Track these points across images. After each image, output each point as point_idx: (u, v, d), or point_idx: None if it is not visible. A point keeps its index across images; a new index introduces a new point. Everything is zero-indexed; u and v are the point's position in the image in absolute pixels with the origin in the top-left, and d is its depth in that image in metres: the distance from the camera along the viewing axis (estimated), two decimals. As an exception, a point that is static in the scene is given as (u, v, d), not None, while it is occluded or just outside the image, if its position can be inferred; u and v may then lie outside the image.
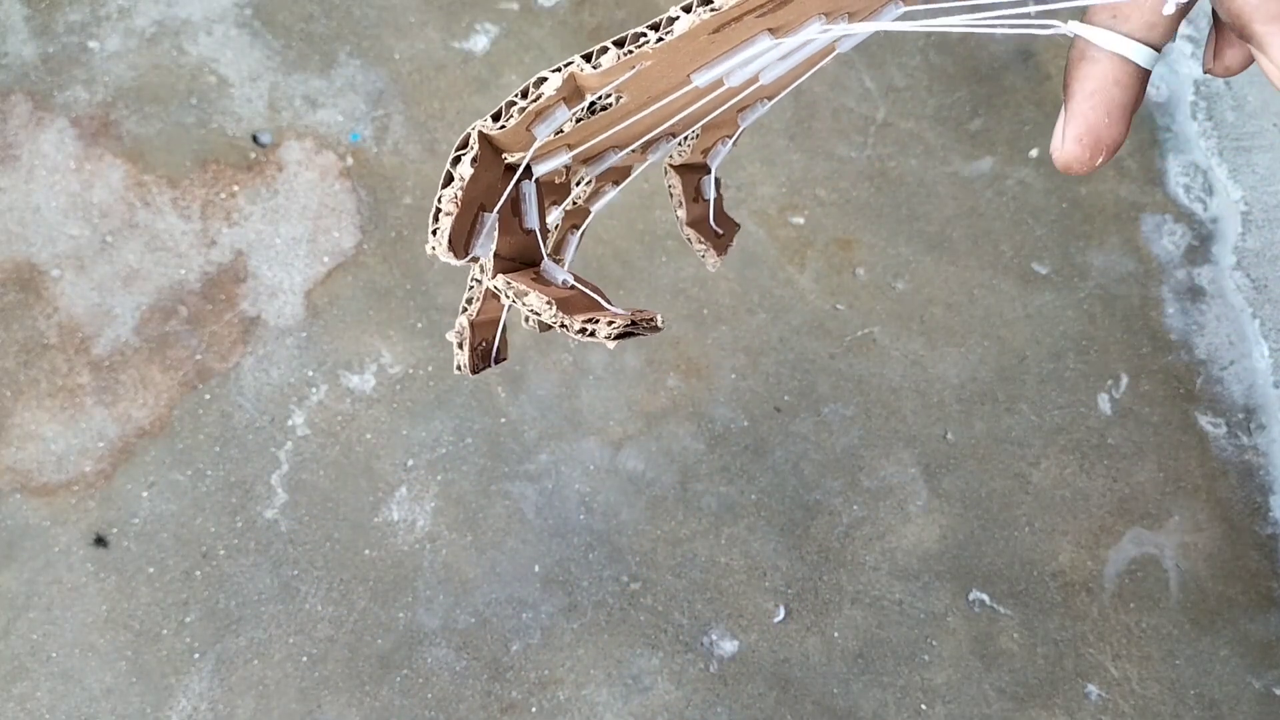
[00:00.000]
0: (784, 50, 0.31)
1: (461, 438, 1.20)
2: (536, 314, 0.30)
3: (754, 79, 0.33)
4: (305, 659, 1.12)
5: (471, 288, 0.40)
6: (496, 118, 0.28)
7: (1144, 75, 0.25)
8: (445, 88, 1.33)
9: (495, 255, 0.31)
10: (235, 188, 1.27)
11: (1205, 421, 1.29)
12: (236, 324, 1.22)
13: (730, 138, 0.43)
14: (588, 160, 0.37)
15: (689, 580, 1.18)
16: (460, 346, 0.39)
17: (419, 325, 1.24)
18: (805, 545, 1.21)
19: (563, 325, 0.31)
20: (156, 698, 1.09)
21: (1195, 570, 1.23)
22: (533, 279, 0.39)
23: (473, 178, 0.27)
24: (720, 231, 0.46)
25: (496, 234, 0.31)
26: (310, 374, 1.21)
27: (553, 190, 0.39)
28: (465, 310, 0.40)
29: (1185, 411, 1.29)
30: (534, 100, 0.28)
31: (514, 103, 0.28)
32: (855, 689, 1.16)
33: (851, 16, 0.31)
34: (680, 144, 0.43)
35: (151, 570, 1.13)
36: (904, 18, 0.32)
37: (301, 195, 1.27)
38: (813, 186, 1.35)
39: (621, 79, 0.28)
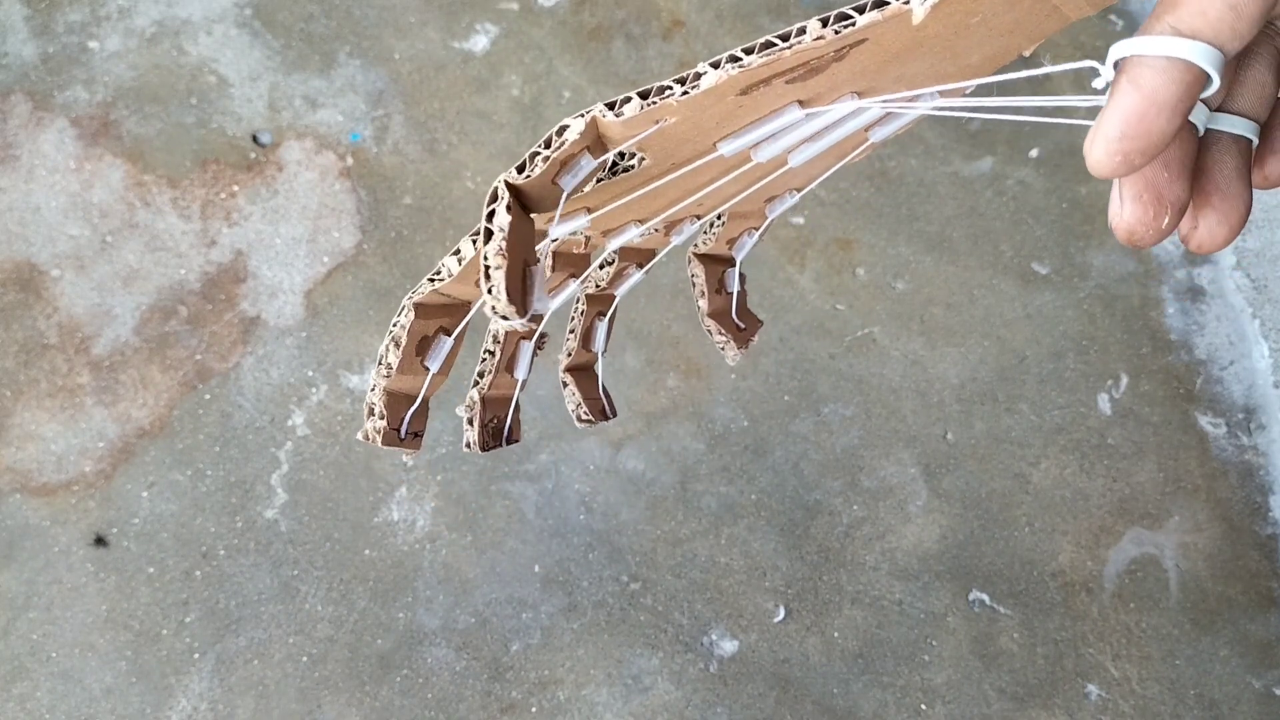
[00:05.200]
0: (814, 128, 0.30)
1: (461, 438, 1.20)
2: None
3: (782, 160, 0.32)
4: (305, 659, 1.12)
5: (484, 360, 0.39)
6: (521, 169, 0.27)
7: (1195, 135, 0.23)
8: (445, 88, 1.33)
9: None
10: (235, 188, 1.27)
11: (1205, 421, 1.29)
12: (236, 324, 1.22)
13: (757, 229, 0.41)
14: (609, 232, 0.36)
15: (689, 580, 1.18)
16: (470, 423, 0.37)
17: (419, 325, 1.24)
18: (805, 545, 1.21)
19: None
20: (156, 698, 1.09)
21: (1195, 570, 1.23)
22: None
23: (511, 228, 0.27)
24: (742, 325, 0.44)
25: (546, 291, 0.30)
26: (310, 374, 1.21)
27: (571, 261, 0.38)
28: (477, 384, 0.38)
29: (1185, 411, 1.29)
30: (558, 148, 0.27)
31: (538, 152, 0.27)
32: (855, 689, 1.16)
33: (887, 104, 0.30)
34: (705, 231, 0.41)
35: (151, 570, 1.13)
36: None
37: (301, 195, 1.27)
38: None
39: (645, 133, 0.28)
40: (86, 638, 1.10)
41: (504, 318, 0.26)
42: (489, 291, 0.26)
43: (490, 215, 0.27)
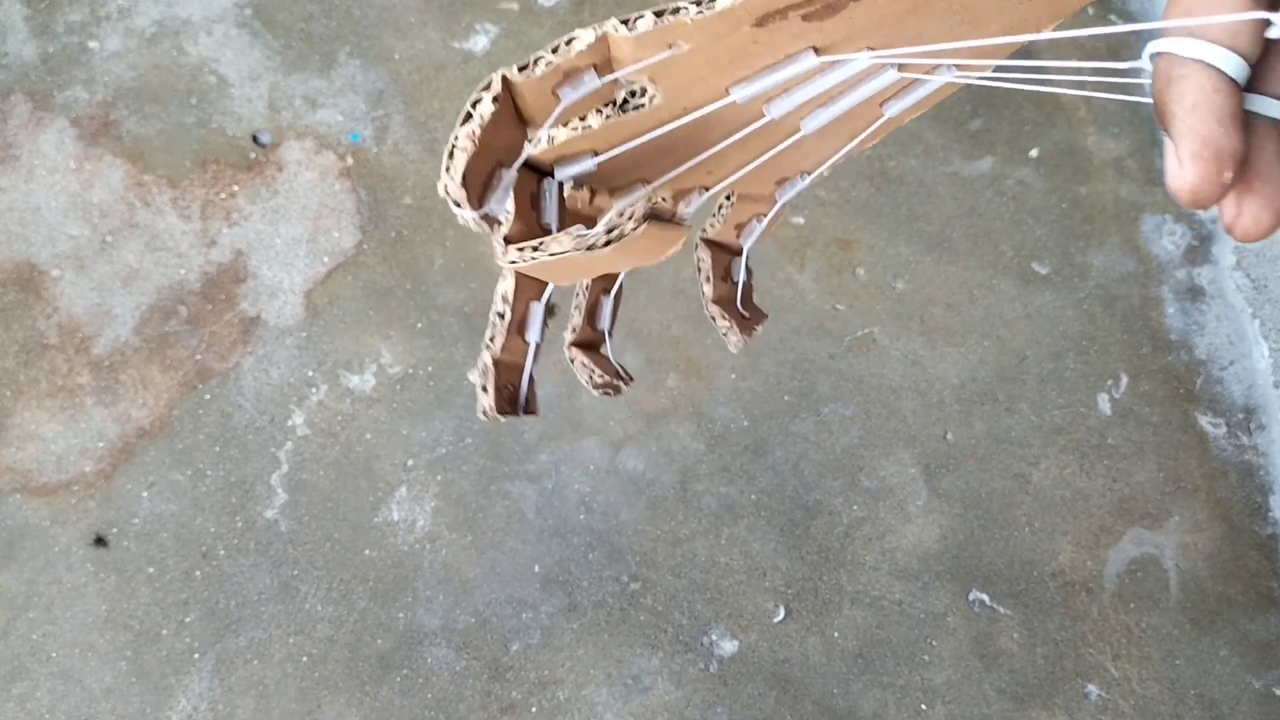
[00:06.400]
0: (829, 83, 0.29)
1: (461, 438, 1.20)
2: (563, 251, 0.28)
3: (794, 126, 0.31)
4: (305, 659, 1.12)
5: (493, 324, 0.38)
6: (523, 69, 0.27)
7: (1238, 88, 0.23)
8: (445, 88, 1.33)
9: (505, 239, 0.29)
10: (235, 188, 1.27)
11: (1205, 421, 1.29)
12: (236, 324, 1.22)
13: (765, 215, 0.40)
14: (615, 191, 0.35)
15: (689, 580, 1.18)
16: (484, 389, 0.36)
17: (419, 325, 1.24)
18: (805, 545, 1.21)
19: (592, 246, 0.28)
20: (156, 698, 1.09)
21: (1195, 570, 1.23)
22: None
23: (492, 123, 0.26)
24: (746, 315, 0.44)
25: (512, 214, 0.29)
26: (310, 374, 1.21)
27: (576, 217, 0.38)
28: (488, 347, 0.37)
29: (1185, 411, 1.29)
30: (563, 55, 0.26)
31: (542, 56, 0.27)
32: (855, 689, 1.16)
33: (902, 69, 0.30)
34: (713, 214, 0.40)
35: (151, 570, 1.13)
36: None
37: (301, 195, 1.27)
38: (812, 186, 1.35)
39: (657, 57, 0.27)
40: (86, 638, 1.10)
41: (455, 204, 0.26)
42: (446, 170, 0.25)
43: (475, 102, 0.26)
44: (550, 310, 0.40)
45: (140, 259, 1.23)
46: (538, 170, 0.32)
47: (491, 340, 0.37)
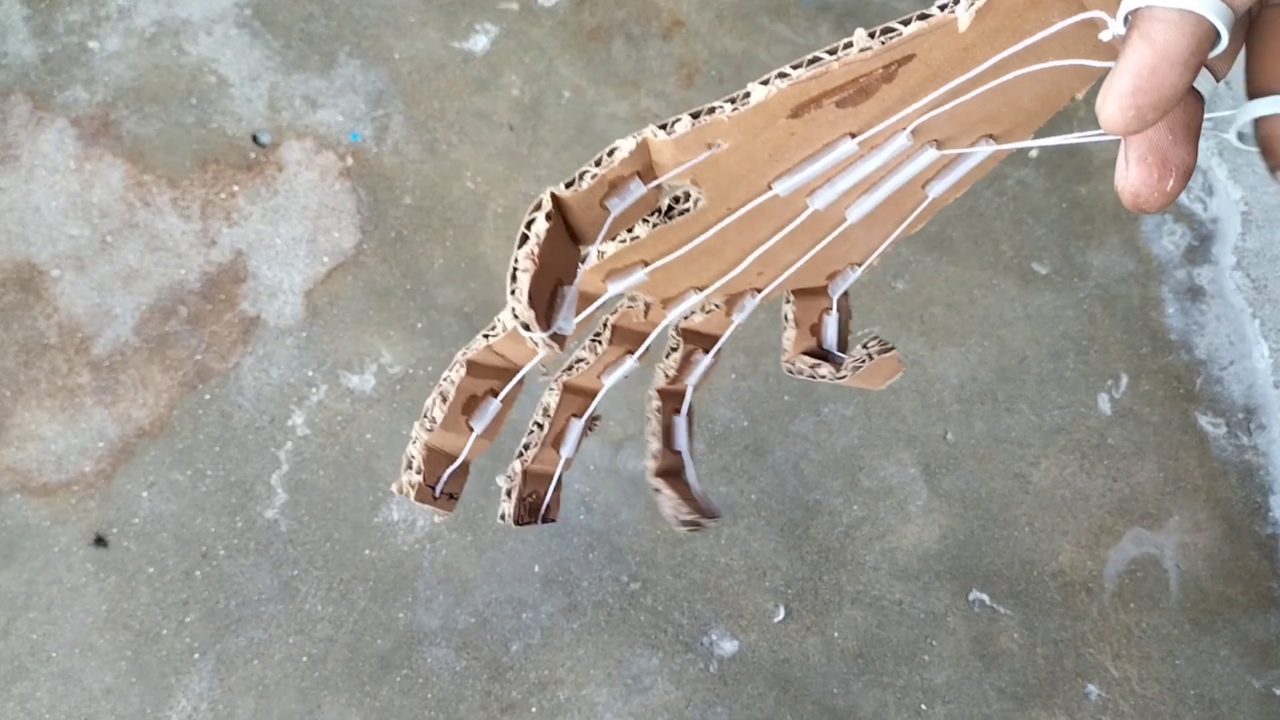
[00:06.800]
0: (868, 169, 0.29)
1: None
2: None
3: (840, 217, 0.31)
4: (305, 659, 1.12)
5: (531, 432, 0.38)
6: (570, 185, 0.27)
7: (1200, 101, 0.23)
8: (445, 88, 1.33)
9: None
10: (235, 188, 1.27)
11: (1205, 421, 1.29)
12: (236, 324, 1.22)
13: (830, 309, 0.40)
14: (668, 302, 0.35)
15: (689, 580, 1.18)
16: (509, 494, 0.36)
17: (419, 325, 1.24)
18: (805, 545, 1.21)
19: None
20: (156, 698, 1.09)
21: (1195, 570, 1.23)
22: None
23: (548, 241, 0.26)
24: (838, 369, 0.43)
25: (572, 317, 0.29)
26: (310, 374, 1.21)
27: (629, 337, 0.37)
28: (521, 455, 0.37)
29: (1185, 411, 1.29)
30: (607, 167, 0.27)
31: (587, 170, 0.27)
32: (855, 689, 1.16)
33: (940, 144, 0.30)
34: (784, 322, 0.40)
35: (151, 570, 1.13)
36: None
37: (301, 195, 1.27)
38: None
39: (697, 159, 0.27)
40: (86, 638, 1.10)
41: (524, 326, 0.25)
42: (511, 294, 0.25)
43: (530, 223, 0.26)
44: (591, 425, 0.40)
45: (140, 259, 1.23)
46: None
47: (525, 449, 0.37)
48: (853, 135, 0.28)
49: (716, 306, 0.37)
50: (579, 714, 1.13)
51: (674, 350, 0.41)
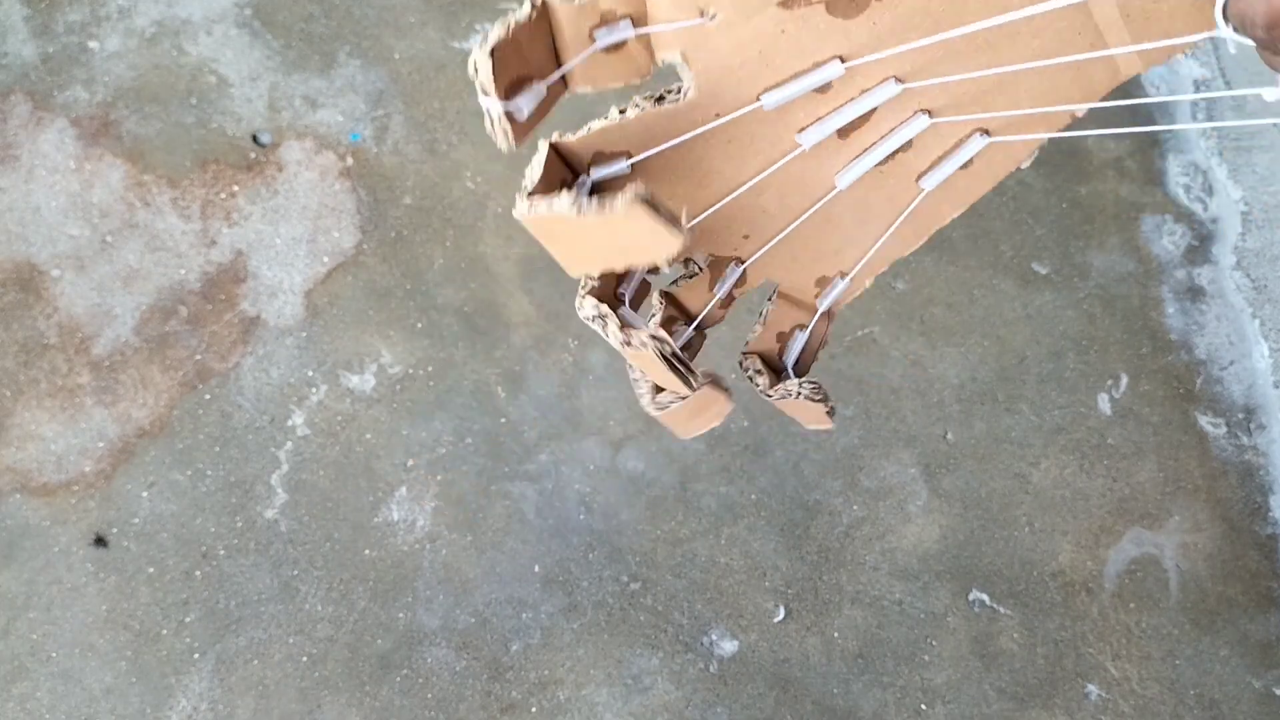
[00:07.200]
0: (858, 110, 0.30)
1: (461, 438, 1.20)
2: (558, 212, 0.30)
3: (830, 183, 0.32)
4: (305, 659, 1.12)
5: (636, 384, 0.39)
6: None
7: None
8: (445, 88, 1.33)
9: (528, 193, 0.31)
10: (235, 188, 1.27)
11: (1205, 421, 1.29)
12: (236, 324, 1.22)
13: (805, 327, 0.40)
14: (713, 279, 0.36)
15: (689, 580, 1.18)
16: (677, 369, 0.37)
17: (419, 325, 1.24)
18: (805, 545, 1.21)
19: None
20: (156, 698, 1.09)
21: (1195, 570, 1.23)
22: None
23: (527, 27, 0.27)
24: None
25: (538, 180, 0.30)
26: (310, 374, 1.21)
27: (680, 310, 0.39)
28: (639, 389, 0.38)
29: (1185, 411, 1.29)
30: None
31: None
32: (855, 689, 1.16)
33: (931, 114, 0.30)
34: (758, 320, 0.41)
35: (151, 570, 1.13)
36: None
37: (301, 195, 1.27)
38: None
39: (688, 23, 0.28)
40: (86, 638, 1.10)
41: (481, 90, 0.27)
42: (479, 47, 0.27)
43: (514, 12, 0.28)
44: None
45: (140, 259, 1.23)
46: (572, 168, 0.32)
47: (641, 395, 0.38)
48: (842, 59, 0.28)
49: (700, 270, 0.38)
50: (579, 714, 1.13)
51: (653, 316, 0.42)
